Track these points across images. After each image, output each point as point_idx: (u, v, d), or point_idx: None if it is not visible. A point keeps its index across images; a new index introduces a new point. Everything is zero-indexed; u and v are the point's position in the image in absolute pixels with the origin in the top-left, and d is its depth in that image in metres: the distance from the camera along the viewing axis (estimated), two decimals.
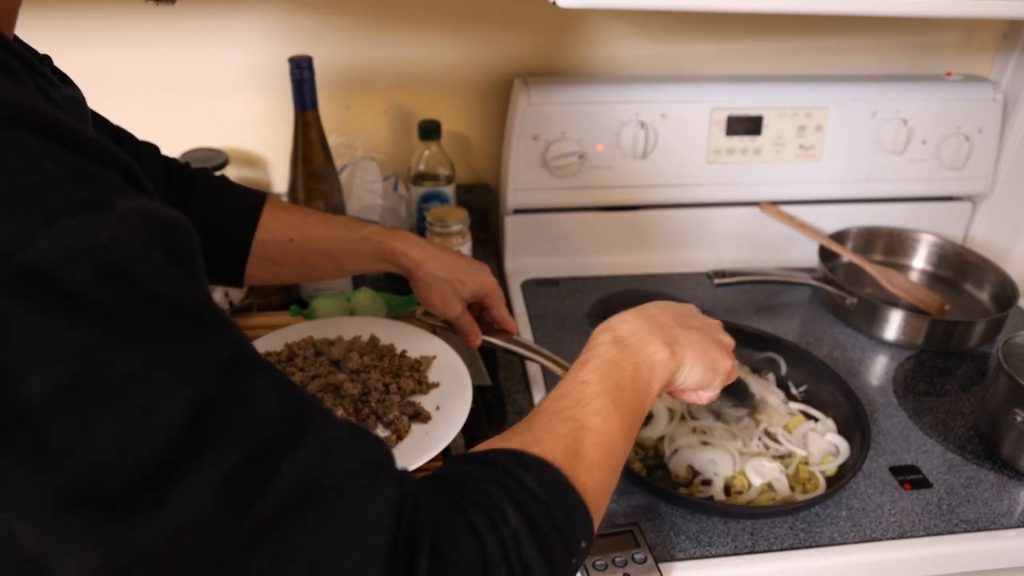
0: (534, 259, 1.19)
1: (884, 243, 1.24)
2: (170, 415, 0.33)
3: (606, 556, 0.70)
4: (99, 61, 1.08)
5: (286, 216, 0.81)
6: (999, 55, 1.24)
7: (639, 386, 0.59)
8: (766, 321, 1.08)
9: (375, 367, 0.83)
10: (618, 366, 0.58)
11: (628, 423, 0.56)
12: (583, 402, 0.55)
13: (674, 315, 0.66)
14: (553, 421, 0.53)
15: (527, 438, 0.51)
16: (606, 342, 0.60)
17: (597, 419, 0.54)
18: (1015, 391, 0.84)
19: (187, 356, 0.34)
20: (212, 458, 0.34)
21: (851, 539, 0.76)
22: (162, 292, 0.34)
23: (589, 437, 0.52)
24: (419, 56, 1.14)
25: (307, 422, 0.39)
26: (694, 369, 0.63)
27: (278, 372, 0.40)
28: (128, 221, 0.34)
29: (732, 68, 1.21)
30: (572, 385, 0.57)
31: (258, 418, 0.36)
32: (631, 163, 1.13)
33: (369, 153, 1.17)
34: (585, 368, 0.58)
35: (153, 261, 0.34)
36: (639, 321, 0.63)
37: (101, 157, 0.36)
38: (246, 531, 0.35)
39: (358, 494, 0.39)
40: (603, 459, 0.53)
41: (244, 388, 0.36)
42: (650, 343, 0.61)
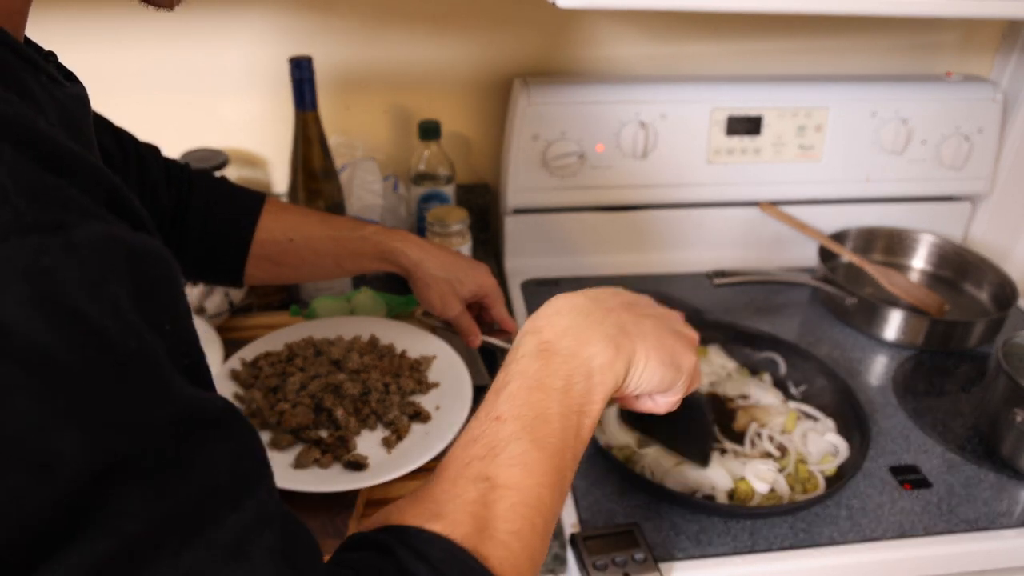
0: (534, 259, 1.19)
1: (884, 243, 1.24)
2: (71, 477, 0.28)
3: (606, 556, 0.70)
4: (99, 61, 1.08)
5: (285, 216, 0.81)
6: (999, 55, 1.24)
7: (572, 407, 0.48)
8: (766, 321, 1.08)
9: (375, 367, 0.83)
10: (542, 386, 0.48)
11: (558, 464, 0.46)
12: (496, 449, 0.45)
13: (624, 301, 0.55)
14: (460, 481, 0.44)
15: (429, 508, 0.43)
16: (528, 354, 0.50)
17: (514, 471, 0.44)
18: (1015, 391, 0.84)
19: (110, 413, 0.30)
20: (102, 531, 0.29)
21: (851, 539, 0.76)
22: (102, 335, 0.30)
23: (504, 499, 0.44)
24: (419, 56, 1.14)
25: (230, 514, 0.33)
26: (649, 366, 0.52)
27: (246, 442, 0.35)
28: (82, 249, 0.30)
29: (732, 68, 1.22)
30: (485, 424, 0.47)
31: (172, 495, 0.31)
32: (631, 163, 1.13)
33: (369, 153, 1.17)
34: (500, 397, 0.48)
35: (99, 297, 0.30)
36: (573, 313, 0.52)
37: (79, 175, 0.33)
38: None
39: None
40: (524, 523, 0.44)
41: (173, 458, 0.31)
42: (587, 342, 0.50)
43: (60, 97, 0.44)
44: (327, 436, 0.76)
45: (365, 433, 0.77)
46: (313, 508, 0.70)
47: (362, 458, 0.73)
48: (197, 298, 0.96)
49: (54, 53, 0.49)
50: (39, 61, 0.42)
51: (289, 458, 0.73)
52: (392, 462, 0.73)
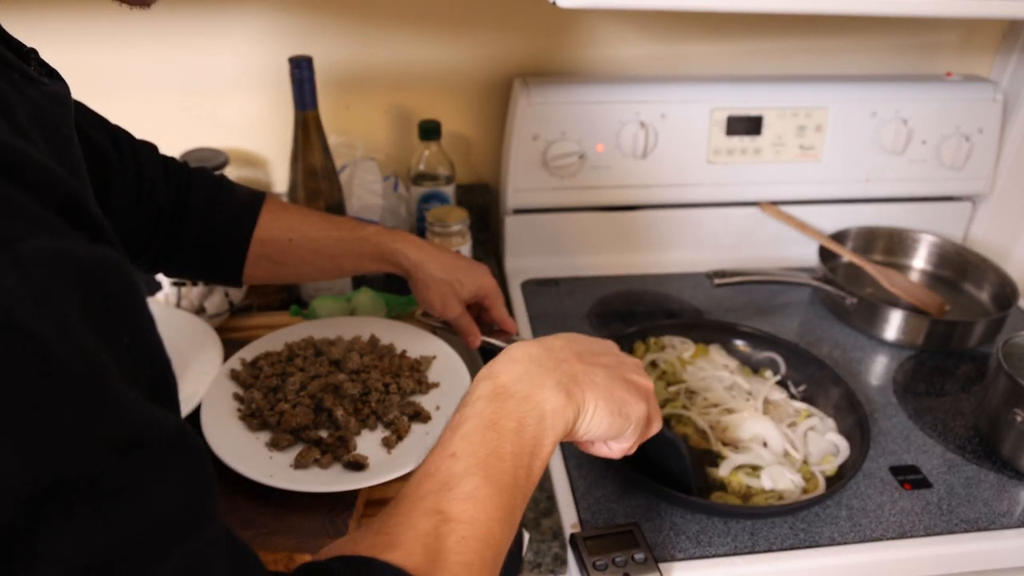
0: (534, 259, 1.19)
1: (884, 243, 1.24)
2: (12, 499, 0.27)
3: (606, 556, 0.70)
4: (99, 61, 1.08)
5: (285, 216, 0.81)
6: (999, 55, 1.24)
7: (524, 447, 0.50)
8: (766, 321, 1.08)
9: (375, 367, 0.83)
10: (496, 427, 0.50)
11: (508, 501, 0.48)
12: (450, 483, 0.47)
13: (577, 350, 0.57)
14: (414, 513, 0.46)
15: (382, 539, 0.44)
16: (484, 396, 0.52)
17: (466, 505, 0.46)
18: (1015, 391, 0.84)
19: (45, 436, 0.28)
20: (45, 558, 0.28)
21: (851, 539, 0.76)
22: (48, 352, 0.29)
23: (456, 532, 0.45)
24: (419, 56, 1.14)
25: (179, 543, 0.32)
26: (597, 414, 0.54)
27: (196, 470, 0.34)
28: (27, 264, 0.29)
29: (732, 68, 1.22)
30: (440, 460, 0.48)
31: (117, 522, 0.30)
32: (631, 163, 1.13)
33: (369, 153, 1.17)
34: (456, 435, 0.50)
35: (48, 314, 0.29)
36: (527, 362, 0.54)
37: (31, 182, 0.32)
38: None
39: None
40: (475, 556, 0.45)
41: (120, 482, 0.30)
42: (539, 388, 0.52)
43: (34, 95, 0.42)
44: (327, 436, 0.76)
45: (365, 433, 0.77)
46: (313, 508, 0.70)
47: (362, 458, 0.73)
48: (197, 298, 0.96)
49: (35, 50, 0.48)
50: (11, 58, 0.41)
51: (289, 458, 0.73)
52: (392, 462, 0.73)
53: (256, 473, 0.70)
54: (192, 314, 0.94)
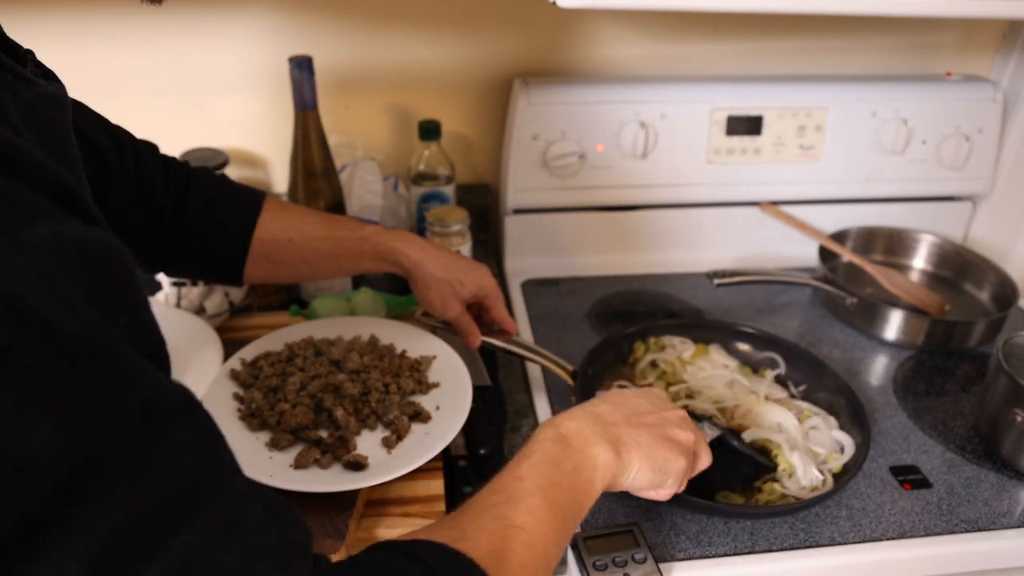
0: (534, 259, 1.19)
1: (884, 243, 1.24)
2: (48, 471, 0.29)
3: (606, 556, 0.70)
4: (99, 61, 1.08)
5: (285, 215, 0.81)
6: (999, 55, 1.24)
7: (578, 486, 0.57)
8: (766, 321, 1.08)
9: (375, 367, 0.83)
10: (558, 465, 0.57)
11: (562, 525, 0.55)
12: (516, 499, 0.53)
13: (627, 412, 0.64)
14: (483, 517, 0.52)
15: (454, 532, 0.50)
16: (548, 438, 0.59)
17: (529, 518, 0.52)
18: (1015, 391, 0.84)
19: (74, 411, 0.30)
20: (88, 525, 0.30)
21: (851, 539, 0.76)
22: (62, 332, 0.30)
23: (518, 536, 0.51)
24: (419, 56, 1.14)
25: (212, 496, 0.34)
26: (640, 471, 0.62)
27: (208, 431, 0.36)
28: (34, 250, 0.30)
29: (732, 68, 1.22)
30: (507, 480, 0.55)
31: (150, 485, 0.32)
32: (631, 163, 1.13)
33: (369, 153, 1.17)
34: (523, 463, 0.57)
35: (57, 297, 0.30)
36: (585, 420, 0.62)
37: (26, 175, 0.33)
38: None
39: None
40: (531, 560, 0.51)
41: (145, 447, 0.32)
42: (594, 443, 0.59)
43: (28, 96, 0.43)
44: (327, 436, 0.76)
45: (365, 433, 0.77)
46: (313, 508, 0.70)
47: (362, 458, 0.73)
48: (197, 298, 0.96)
49: (32, 51, 0.49)
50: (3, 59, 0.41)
51: (289, 458, 0.73)
52: (392, 462, 0.73)
53: (256, 473, 0.70)
54: (192, 314, 0.94)
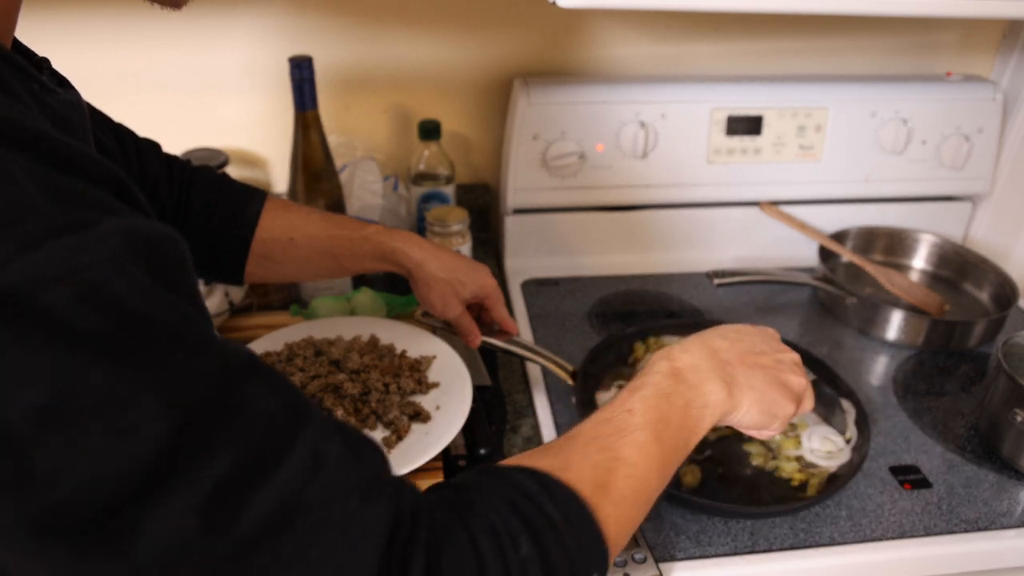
0: (534, 259, 1.19)
1: (884, 243, 1.24)
2: (150, 439, 0.32)
3: None
4: (99, 61, 1.08)
5: (286, 215, 0.81)
6: (999, 55, 1.24)
7: (687, 423, 0.57)
8: (766, 321, 1.07)
9: (375, 367, 0.83)
10: (669, 399, 0.56)
11: (667, 460, 0.55)
12: (624, 432, 0.53)
13: (743, 349, 0.63)
14: (590, 447, 0.52)
15: (559, 460, 0.50)
16: (662, 371, 0.59)
17: (635, 452, 0.52)
18: (1015, 391, 0.84)
19: (169, 378, 0.33)
20: (194, 479, 0.33)
21: (851, 539, 0.76)
22: (144, 313, 0.33)
23: (623, 469, 0.51)
24: (419, 56, 1.14)
25: (299, 433, 0.37)
26: (750, 412, 0.61)
27: (277, 378, 0.39)
28: (110, 242, 0.33)
29: (732, 68, 1.22)
30: (617, 412, 0.55)
31: (246, 430, 0.35)
32: (631, 163, 1.13)
33: (369, 153, 1.17)
34: (634, 396, 0.56)
35: (135, 282, 0.34)
36: (701, 354, 0.61)
37: (89, 173, 0.35)
38: (228, 551, 0.34)
39: (348, 512, 0.38)
40: (633, 493, 0.51)
41: (232, 400, 0.35)
42: (707, 380, 0.59)
43: (53, 104, 0.43)
44: None
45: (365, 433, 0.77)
46: None
47: None
48: None
49: (47, 59, 0.49)
50: (29, 68, 0.42)
51: None
52: (392, 462, 0.73)
53: None
54: None
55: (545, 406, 0.90)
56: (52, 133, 0.35)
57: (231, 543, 0.34)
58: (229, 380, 0.36)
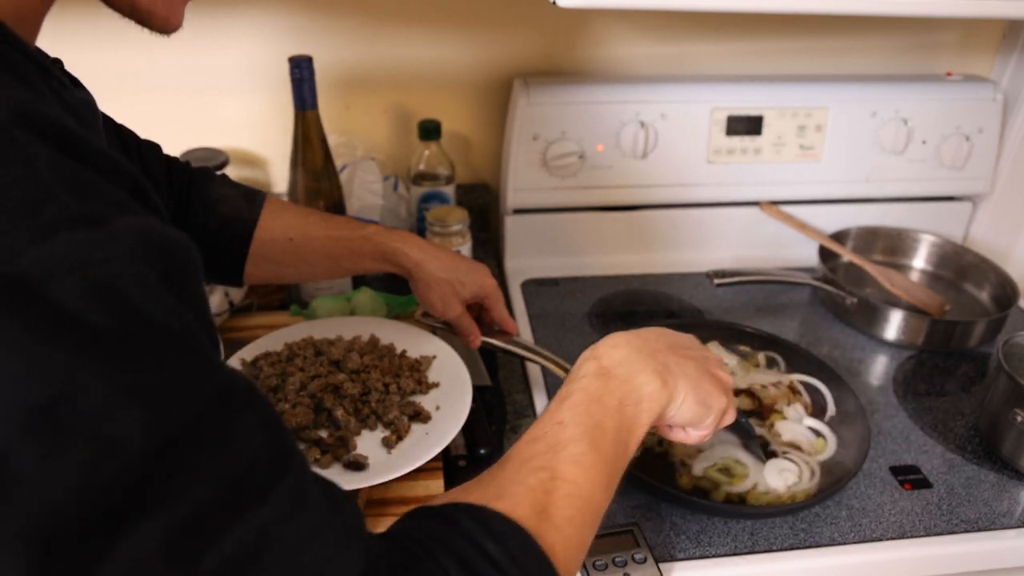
0: (534, 259, 1.19)
1: (884, 243, 1.24)
2: (137, 454, 0.31)
3: (606, 556, 0.70)
4: (99, 61, 1.08)
5: (286, 215, 0.81)
6: (999, 55, 1.24)
7: (624, 423, 0.54)
8: (766, 321, 1.08)
9: (375, 367, 0.83)
10: (600, 402, 0.54)
11: (609, 469, 0.52)
12: (558, 447, 0.50)
13: (669, 342, 0.62)
14: (523, 470, 0.49)
15: (491, 490, 0.47)
16: (589, 374, 0.56)
17: (572, 467, 0.49)
18: (1015, 391, 0.84)
19: (164, 391, 0.32)
20: (171, 503, 0.32)
21: (851, 539, 0.76)
22: (152, 318, 0.33)
23: (561, 488, 0.48)
24: (419, 56, 1.14)
25: (283, 475, 0.36)
26: (686, 402, 0.58)
27: (271, 416, 0.38)
28: (124, 240, 0.33)
29: (732, 68, 1.22)
30: (547, 426, 0.52)
31: (230, 461, 0.34)
32: (631, 163, 1.13)
33: (369, 153, 1.17)
34: (563, 405, 0.54)
35: (146, 284, 0.33)
36: (628, 348, 0.58)
37: (108, 169, 0.35)
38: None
39: (320, 560, 0.36)
40: (576, 513, 0.48)
41: (223, 427, 0.34)
42: (639, 372, 0.56)
43: (70, 101, 0.44)
44: (327, 436, 0.76)
45: (365, 433, 0.77)
46: None
47: (362, 458, 0.73)
48: None
49: (60, 60, 0.50)
50: (50, 66, 0.42)
51: None
52: (392, 462, 0.73)
53: None
54: None
55: (545, 406, 0.90)
56: (74, 127, 0.35)
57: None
58: (224, 407, 0.35)
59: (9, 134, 0.32)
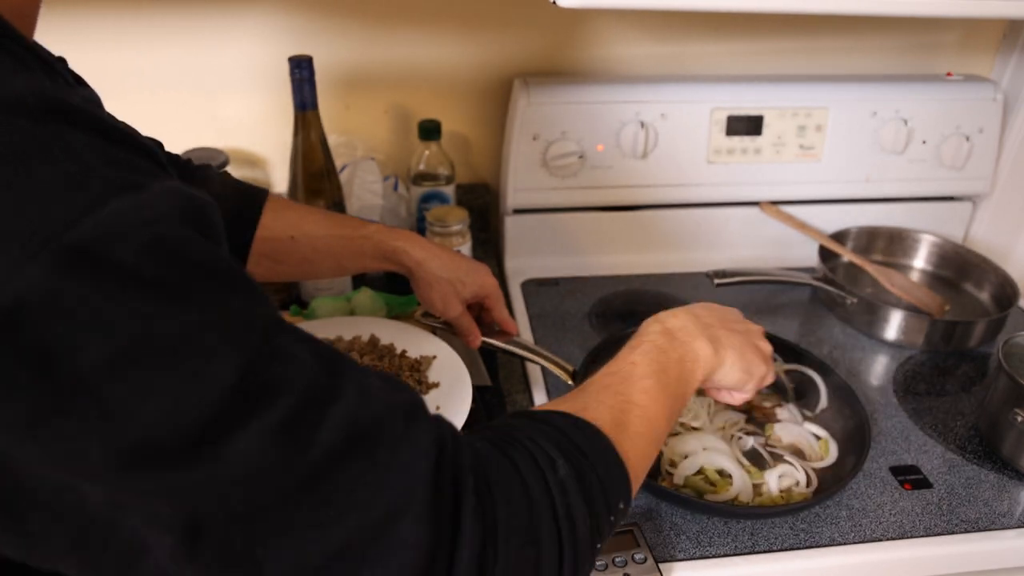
0: (534, 259, 1.19)
1: (884, 243, 1.24)
2: (220, 375, 0.35)
3: (606, 556, 0.70)
4: (100, 61, 1.08)
5: (287, 214, 0.81)
6: (999, 55, 1.24)
7: (683, 375, 0.63)
8: (766, 321, 1.07)
9: (375, 367, 0.83)
10: (666, 354, 0.62)
11: (670, 405, 0.60)
12: (631, 379, 0.59)
13: (719, 317, 0.70)
14: (603, 393, 0.57)
15: (577, 404, 0.55)
16: (656, 331, 0.65)
17: (643, 396, 0.57)
18: (1015, 391, 0.84)
19: (231, 320, 0.36)
20: (262, 412, 0.36)
21: (851, 539, 0.76)
22: (202, 263, 0.36)
23: (635, 411, 0.56)
24: (419, 56, 1.14)
25: (342, 372, 0.40)
26: (733, 369, 0.67)
27: (302, 333, 0.42)
28: (164, 199, 0.36)
29: (732, 68, 1.21)
30: (622, 364, 0.61)
31: (300, 372, 0.38)
32: (631, 163, 1.13)
33: (369, 153, 1.17)
34: (635, 351, 0.62)
35: (190, 235, 0.37)
36: (687, 317, 0.67)
37: (131, 144, 0.38)
38: (300, 477, 0.37)
39: (398, 433, 0.41)
40: (646, 431, 0.56)
41: (283, 345, 0.38)
42: (696, 338, 0.65)
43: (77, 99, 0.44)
44: None
45: None
46: None
47: None
48: None
49: (64, 59, 0.50)
50: (54, 63, 0.43)
51: None
52: None
53: None
54: None
55: None
56: (93, 109, 0.38)
57: (302, 471, 0.37)
58: (274, 329, 0.39)
59: (43, 119, 0.35)
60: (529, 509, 0.45)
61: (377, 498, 0.39)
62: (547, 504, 0.45)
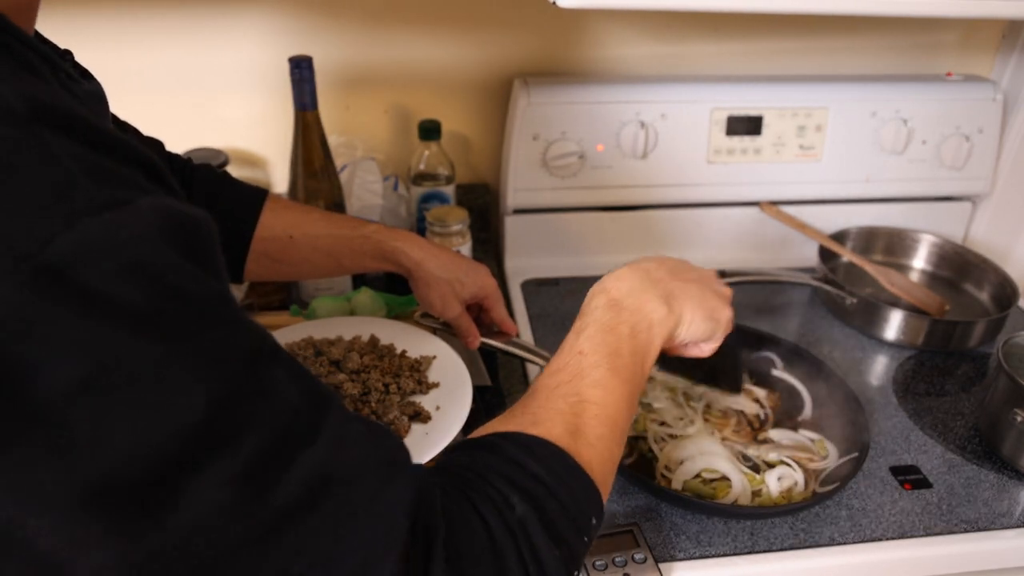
0: (534, 259, 1.19)
1: (884, 243, 1.24)
2: (186, 412, 0.33)
3: (606, 556, 0.70)
4: (100, 61, 1.07)
5: (287, 213, 0.81)
6: (999, 55, 1.24)
7: (638, 349, 0.58)
8: (766, 321, 1.08)
9: (375, 367, 0.83)
10: (614, 331, 0.58)
11: (629, 390, 0.56)
12: (581, 374, 0.55)
13: (669, 269, 0.66)
14: (552, 398, 0.53)
15: (526, 419, 0.51)
16: (600, 306, 0.60)
17: (596, 391, 0.54)
18: (1015, 391, 0.84)
19: (205, 352, 0.34)
20: (226, 454, 0.34)
21: (851, 539, 0.76)
22: (181, 289, 0.34)
23: (589, 410, 0.53)
24: (419, 56, 1.14)
25: (324, 417, 0.39)
26: (694, 322, 0.63)
27: (298, 365, 0.40)
28: (148, 219, 0.34)
29: (732, 68, 1.21)
30: (568, 357, 0.57)
31: (275, 412, 0.36)
32: (631, 163, 1.13)
33: (369, 153, 1.17)
34: (580, 337, 0.58)
35: (170, 259, 0.35)
36: (633, 278, 0.63)
37: (124, 154, 0.37)
38: (260, 527, 0.35)
39: (374, 490, 0.39)
40: (606, 430, 0.53)
41: (262, 382, 0.37)
42: (646, 301, 0.61)
43: (79, 93, 0.45)
44: None
45: None
46: None
47: None
48: None
49: (70, 52, 0.50)
50: (56, 59, 0.43)
51: None
52: None
53: None
54: None
55: None
56: (86, 115, 0.36)
57: (263, 520, 0.35)
58: (259, 362, 0.37)
59: (29, 128, 0.33)
60: (494, 554, 0.43)
61: (348, 551, 0.37)
62: (512, 547, 0.43)
